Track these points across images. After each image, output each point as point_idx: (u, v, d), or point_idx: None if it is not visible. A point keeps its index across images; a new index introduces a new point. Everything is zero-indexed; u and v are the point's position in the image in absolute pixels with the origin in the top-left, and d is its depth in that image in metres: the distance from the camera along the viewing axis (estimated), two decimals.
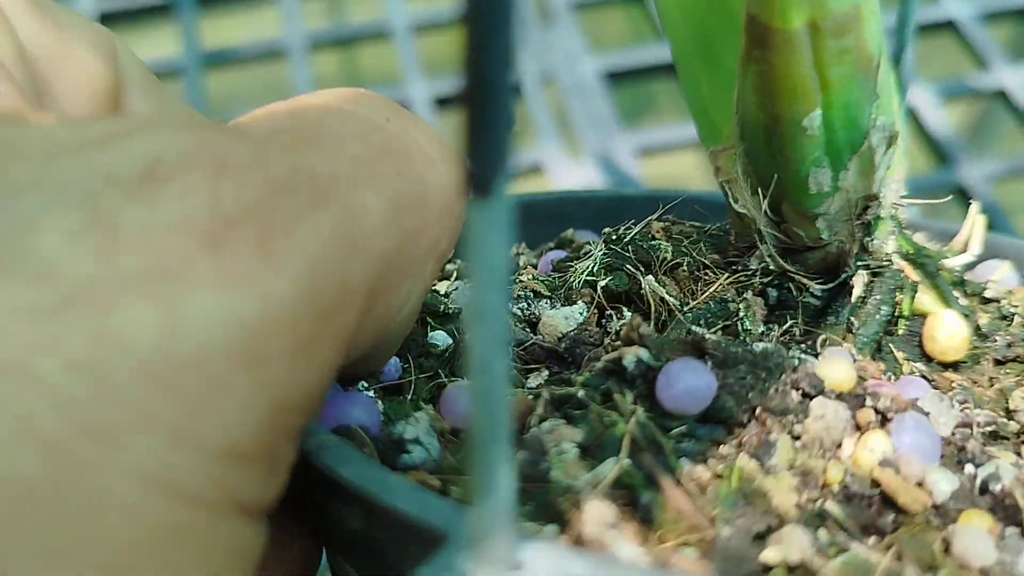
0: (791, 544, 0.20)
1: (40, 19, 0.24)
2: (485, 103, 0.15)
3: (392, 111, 0.24)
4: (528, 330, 0.28)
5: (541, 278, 0.30)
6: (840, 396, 0.24)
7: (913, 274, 0.28)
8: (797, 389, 0.24)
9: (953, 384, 0.28)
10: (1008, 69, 0.68)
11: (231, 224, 0.18)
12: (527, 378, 0.26)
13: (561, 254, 0.33)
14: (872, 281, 0.28)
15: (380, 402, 0.26)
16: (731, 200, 0.28)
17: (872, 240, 0.28)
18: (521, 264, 0.34)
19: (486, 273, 0.16)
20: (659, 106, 0.74)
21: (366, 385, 0.26)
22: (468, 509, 0.17)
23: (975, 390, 0.28)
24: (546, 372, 0.26)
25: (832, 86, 0.25)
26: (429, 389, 0.26)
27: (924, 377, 0.28)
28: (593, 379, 0.24)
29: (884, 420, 0.24)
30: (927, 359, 0.29)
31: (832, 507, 0.21)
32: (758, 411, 0.23)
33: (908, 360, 0.28)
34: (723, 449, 0.23)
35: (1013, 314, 0.30)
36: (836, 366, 0.25)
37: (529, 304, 0.28)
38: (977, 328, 0.30)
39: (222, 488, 0.18)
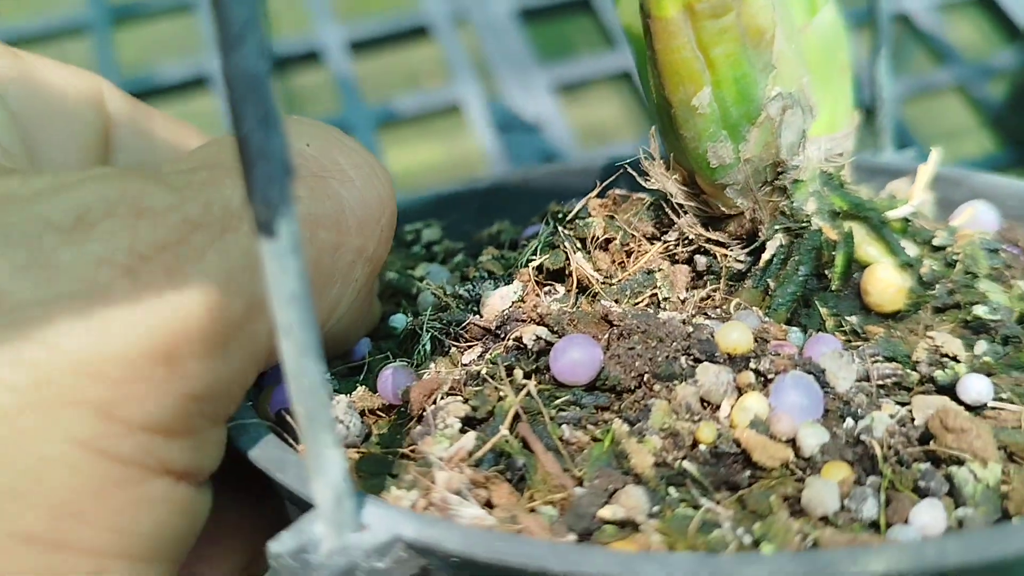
0: (625, 501, 0.22)
1: (30, 84, 0.29)
2: (257, 158, 0.18)
3: (316, 135, 0.28)
4: (475, 307, 0.30)
5: (498, 256, 0.33)
6: (732, 359, 0.26)
7: (832, 233, 0.29)
8: (688, 355, 0.26)
9: (876, 336, 0.29)
10: None
11: (145, 258, 0.22)
12: (463, 354, 0.29)
13: (539, 228, 0.36)
14: (792, 243, 0.29)
15: (335, 382, 0.29)
16: (646, 178, 0.30)
17: (792, 203, 0.29)
18: (502, 240, 0.37)
19: (282, 298, 0.19)
20: (574, 43, 0.72)
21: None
22: (310, 485, 0.20)
23: (909, 339, 0.29)
24: (479, 349, 0.29)
25: (717, 64, 0.27)
26: (382, 368, 0.30)
27: (855, 330, 0.29)
28: (500, 356, 0.27)
29: (765, 381, 0.25)
30: (866, 311, 0.30)
31: (690, 466, 0.23)
32: (646, 377, 0.26)
33: (836, 315, 0.29)
34: (606, 415, 0.25)
35: (956, 261, 0.30)
36: (732, 331, 0.26)
37: (475, 285, 0.31)
38: (920, 278, 0.30)
39: (149, 454, 0.23)
